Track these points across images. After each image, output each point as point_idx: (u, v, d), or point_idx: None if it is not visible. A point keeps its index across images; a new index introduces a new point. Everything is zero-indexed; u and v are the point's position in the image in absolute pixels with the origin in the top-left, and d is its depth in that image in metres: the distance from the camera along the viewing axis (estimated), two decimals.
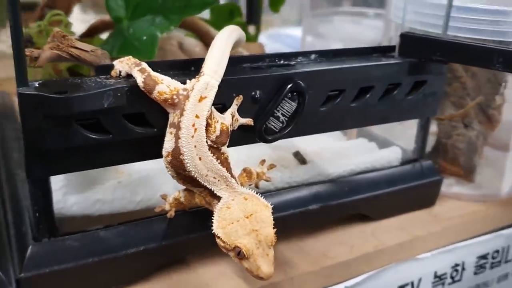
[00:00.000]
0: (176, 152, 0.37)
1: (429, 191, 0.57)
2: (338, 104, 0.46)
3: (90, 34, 0.59)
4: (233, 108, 0.41)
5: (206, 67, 0.38)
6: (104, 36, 0.57)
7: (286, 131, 0.44)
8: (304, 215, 0.49)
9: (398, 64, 0.48)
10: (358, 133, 0.64)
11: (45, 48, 0.38)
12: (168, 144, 0.37)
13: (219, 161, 0.38)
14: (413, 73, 0.49)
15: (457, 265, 0.56)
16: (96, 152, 0.38)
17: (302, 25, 1.04)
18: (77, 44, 0.39)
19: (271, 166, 0.46)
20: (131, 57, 0.38)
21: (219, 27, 0.72)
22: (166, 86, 0.37)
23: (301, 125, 0.45)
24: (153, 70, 0.38)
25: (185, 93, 0.37)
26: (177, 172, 0.38)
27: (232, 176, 0.39)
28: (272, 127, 0.43)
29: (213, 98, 0.38)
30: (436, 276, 0.55)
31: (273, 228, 0.37)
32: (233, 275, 0.45)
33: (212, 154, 0.37)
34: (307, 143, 0.59)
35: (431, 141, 0.63)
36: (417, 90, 0.50)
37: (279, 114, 0.43)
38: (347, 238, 0.52)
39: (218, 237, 0.37)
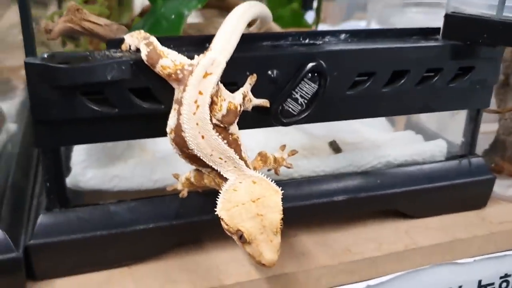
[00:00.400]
0: (178, 129, 0.36)
1: (478, 190, 0.52)
2: (368, 89, 0.43)
3: (142, 14, 0.60)
4: (246, 87, 0.39)
5: (214, 43, 0.37)
6: None
7: (305, 114, 0.41)
8: (329, 206, 0.46)
9: (439, 47, 0.43)
10: (407, 125, 0.59)
11: (59, 21, 0.38)
12: (171, 121, 0.36)
13: (226, 141, 0.36)
14: (457, 58, 0.44)
15: (507, 275, 0.51)
16: (102, 125, 0.38)
17: (367, 15, 0.99)
18: (91, 18, 0.39)
19: (293, 152, 0.43)
20: (142, 31, 0.38)
21: (273, 11, 0.71)
22: (170, 60, 0.36)
23: (324, 109, 0.42)
24: (170, 46, 0.37)
25: (190, 68, 0.36)
26: (181, 150, 0.37)
27: (242, 158, 0.37)
28: (290, 109, 0.41)
29: (219, 75, 0.36)
30: (480, 285, 0.50)
31: (281, 214, 0.35)
32: (245, 262, 0.44)
33: (217, 134, 0.36)
34: (348, 133, 0.56)
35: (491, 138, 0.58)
36: (463, 77, 0.46)
37: (297, 96, 0.40)
38: (376, 235, 0.48)
39: (222, 219, 0.36)
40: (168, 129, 0.36)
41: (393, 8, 1.01)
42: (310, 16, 0.79)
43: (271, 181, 0.37)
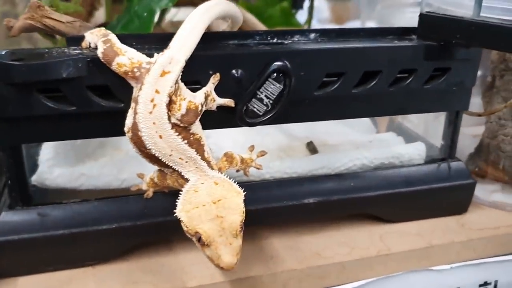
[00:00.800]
0: (135, 128, 0.35)
1: (458, 195, 0.50)
2: (337, 90, 0.42)
3: None
4: (209, 86, 0.38)
5: (172, 41, 0.36)
6: None
7: (271, 114, 0.40)
8: (300, 209, 0.45)
9: (413, 47, 0.42)
10: (390, 126, 0.58)
11: (20, 18, 0.38)
12: (128, 120, 0.36)
13: (186, 141, 0.36)
14: (432, 58, 0.43)
15: (487, 283, 0.49)
16: (61, 123, 0.38)
17: (361, 16, 0.98)
18: (53, 15, 0.39)
19: (262, 153, 0.43)
20: (102, 28, 0.38)
21: (263, 11, 0.70)
22: (127, 58, 0.35)
23: (291, 110, 0.41)
24: (133, 44, 0.37)
25: (148, 66, 0.35)
26: (140, 149, 0.36)
27: (204, 159, 0.37)
28: (255, 109, 0.40)
29: (178, 74, 0.35)
30: None
31: (242, 216, 0.35)
32: (211, 264, 0.43)
33: (177, 134, 0.35)
34: (329, 134, 0.55)
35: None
36: (439, 78, 0.44)
37: (262, 96, 0.40)
38: (349, 239, 0.47)
39: (181, 221, 0.35)
40: (125, 128, 0.36)
41: (396, 9, 0.99)
42: (302, 16, 0.78)
43: (235, 182, 0.37)
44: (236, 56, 0.39)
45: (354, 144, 0.53)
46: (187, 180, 0.37)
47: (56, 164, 0.45)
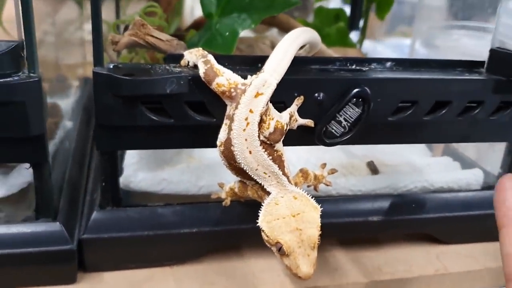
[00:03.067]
0: (228, 143, 0.38)
1: None
2: (409, 116, 0.44)
3: (194, 27, 0.63)
4: (293, 108, 0.41)
5: (266, 65, 0.39)
6: None
7: (347, 136, 0.43)
8: (363, 225, 0.48)
9: (482, 80, 0.45)
10: (445, 151, 0.60)
11: (125, 35, 0.42)
12: (222, 134, 0.39)
13: (271, 157, 0.39)
14: (499, 92, 0.45)
15: None
16: (158, 134, 0.41)
17: (413, 36, 1.00)
18: (154, 33, 0.42)
19: (332, 171, 0.45)
20: (200, 48, 0.41)
21: (320, 30, 0.73)
22: (225, 79, 0.39)
23: (366, 133, 0.44)
24: (224, 64, 0.40)
25: (243, 87, 0.38)
26: (229, 162, 0.39)
27: (285, 174, 0.40)
28: (333, 131, 0.43)
29: (269, 95, 0.38)
30: None
31: (319, 230, 0.38)
32: (280, 271, 0.46)
33: (264, 150, 0.38)
34: (386, 154, 0.58)
35: None
36: (504, 110, 0.47)
37: (341, 118, 0.42)
38: (408, 257, 0.49)
39: (262, 231, 0.38)
40: (218, 142, 0.39)
41: (439, 30, 1.02)
42: (355, 35, 0.81)
43: (311, 197, 0.40)
44: (320, 81, 0.42)
45: (412, 166, 0.56)
46: (268, 193, 0.39)
47: (140, 168, 0.48)
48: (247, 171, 0.39)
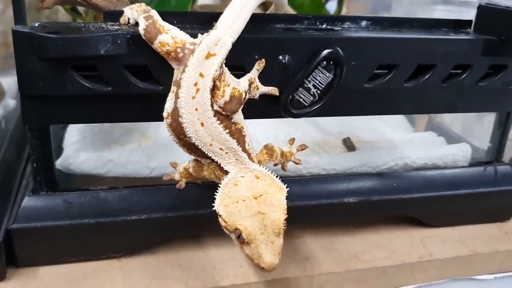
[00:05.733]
0: (176, 114, 0.32)
1: (503, 201, 0.47)
2: (389, 82, 0.39)
3: None
4: (253, 73, 0.35)
5: (220, 21, 0.33)
6: None
7: (318, 106, 0.37)
8: (338, 208, 0.43)
9: (469, 40, 0.39)
10: (428, 126, 0.55)
11: None
12: (168, 104, 0.33)
13: (227, 130, 0.33)
14: (489, 54, 0.40)
15: None
16: (94, 104, 0.35)
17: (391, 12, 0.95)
18: None
19: (302, 147, 0.40)
20: (143, 4, 0.35)
21: None
22: (170, 36, 0.33)
23: (339, 102, 0.38)
24: (173, 22, 0.34)
25: (192, 47, 0.33)
26: (178, 137, 0.33)
27: (245, 150, 0.34)
28: (301, 99, 0.37)
29: (224, 57, 0.33)
30: None
31: (285, 214, 0.32)
32: (244, 262, 0.40)
33: (219, 122, 0.33)
34: (364, 131, 0.53)
35: None
36: (494, 76, 0.41)
37: (310, 85, 0.37)
38: (389, 242, 0.44)
39: (219, 216, 0.32)
40: (164, 113, 0.33)
41: (420, 6, 0.97)
42: (331, 6, 0.75)
43: (276, 177, 0.34)
44: (284, 41, 0.36)
45: (393, 142, 0.50)
46: (226, 172, 0.34)
47: (82, 148, 0.42)
48: (200, 147, 0.33)
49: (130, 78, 0.34)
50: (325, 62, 0.36)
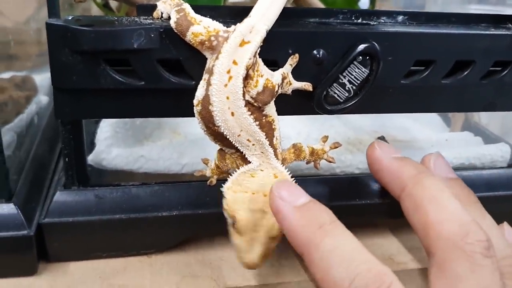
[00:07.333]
0: (206, 102, 0.31)
1: None
2: (425, 79, 0.38)
3: None
4: (286, 68, 0.35)
5: (253, 10, 0.33)
6: None
7: (353, 102, 0.36)
8: (373, 208, 0.41)
9: (510, 36, 0.38)
10: (465, 126, 0.54)
11: None
12: (199, 91, 0.32)
13: (257, 122, 0.32)
14: None
15: None
16: (126, 99, 0.35)
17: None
18: None
19: (335, 145, 0.39)
20: None
21: None
22: (203, 27, 0.32)
23: (374, 98, 0.37)
24: (206, 16, 0.34)
25: (226, 35, 0.32)
26: (206, 125, 0.33)
27: (272, 145, 0.33)
28: (336, 95, 0.36)
29: (258, 45, 0.32)
30: None
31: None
32: (275, 262, 0.40)
33: (249, 113, 0.32)
34: (398, 130, 0.51)
35: None
36: None
37: (345, 80, 0.36)
38: None
39: (224, 198, 0.33)
40: (195, 101, 0.32)
41: (454, 5, 0.95)
42: (364, 6, 0.74)
43: (295, 181, 0.34)
44: (319, 35, 0.35)
45: (428, 141, 0.49)
46: (248, 162, 0.34)
47: (114, 144, 0.42)
48: (228, 137, 0.32)
49: (162, 73, 0.34)
50: (361, 57, 0.35)
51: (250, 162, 0.33)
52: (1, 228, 0.35)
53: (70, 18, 0.33)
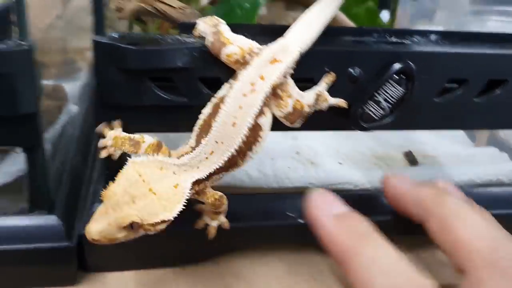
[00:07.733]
0: (220, 100, 0.32)
1: None
2: (458, 97, 0.39)
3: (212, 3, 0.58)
4: (321, 86, 0.35)
5: (289, 31, 0.34)
6: None
7: (388, 120, 0.37)
8: (401, 222, 0.42)
9: None
10: (490, 141, 0.54)
11: (131, 0, 0.36)
12: (220, 91, 0.33)
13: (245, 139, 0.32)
14: None
15: None
16: (169, 115, 0.36)
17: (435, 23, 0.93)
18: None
19: None
20: (214, 16, 0.35)
21: (348, 9, 0.67)
22: (237, 46, 0.33)
23: (409, 116, 0.38)
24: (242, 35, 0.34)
25: (258, 51, 0.33)
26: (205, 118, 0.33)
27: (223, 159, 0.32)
28: (371, 113, 0.37)
29: (289, 66, 0.32)
30: None
31: (140, 221, 0.30)
32: (309, 276, 0.40)
33: (248, 133, 0.31)
34: (425, 145, 0.52)
35: None
36: None
37: (380, 98, 0.37)
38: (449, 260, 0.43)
39: (126, 163, 0.31)
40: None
41: (472, 17, 0.95)
42: (383, 17, 0.75)
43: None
44: (355, 53, 0.36)
45: (455, 157, 0.49)
46: (181, 156, 0.33)
47: None
48: (209, 134, 0.32)
49: (204, 90, 0.35)
50: (396, 76, 0.36)
51: (182, 156, 0.32)
52: (43, 239, 0.36)
53: (115, 36, 0.34)
